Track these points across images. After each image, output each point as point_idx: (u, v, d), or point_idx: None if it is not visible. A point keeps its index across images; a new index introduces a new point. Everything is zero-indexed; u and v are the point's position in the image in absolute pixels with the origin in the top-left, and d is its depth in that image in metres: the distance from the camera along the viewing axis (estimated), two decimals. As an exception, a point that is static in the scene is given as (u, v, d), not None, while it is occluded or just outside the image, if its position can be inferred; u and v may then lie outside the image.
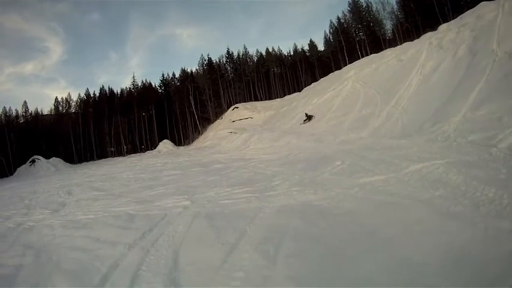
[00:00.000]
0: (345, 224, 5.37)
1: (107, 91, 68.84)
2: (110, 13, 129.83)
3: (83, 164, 50.38)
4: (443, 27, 25.53)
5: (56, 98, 68.68)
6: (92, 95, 68.33)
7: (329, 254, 4.52)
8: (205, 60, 67.81)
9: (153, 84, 71.39)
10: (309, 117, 27.23)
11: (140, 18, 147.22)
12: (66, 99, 67.72)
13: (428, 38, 25.54)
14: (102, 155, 58.93)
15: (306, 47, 67.69)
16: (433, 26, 29.38)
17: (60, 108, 66.81)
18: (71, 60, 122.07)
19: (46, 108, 73.06)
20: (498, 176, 6.61)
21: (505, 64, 14.54)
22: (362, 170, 8.97)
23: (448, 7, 39.11)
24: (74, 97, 73.38)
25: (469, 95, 14.04)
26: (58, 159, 45.86)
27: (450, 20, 27.62)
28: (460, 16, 24.60)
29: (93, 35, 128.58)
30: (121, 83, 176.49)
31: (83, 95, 68.53)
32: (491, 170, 7.10)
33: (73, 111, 66.56)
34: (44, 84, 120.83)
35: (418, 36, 29.90)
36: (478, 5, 23.07)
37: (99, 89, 69.33)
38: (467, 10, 25.02)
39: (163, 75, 70.58)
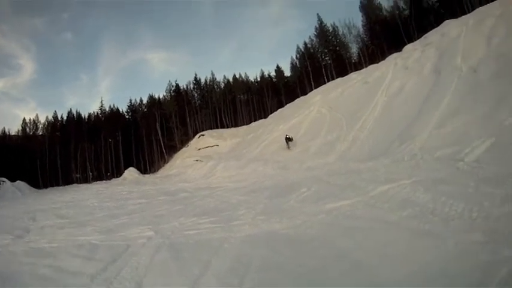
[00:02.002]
0: (311, 251, 5.26)
1: (75, 115, 67.27)
2: (83, 33, 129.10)
3: (48, 189, 49.14)
4: (408, 47, 26.34)
5: (24, 119, 65.97)
6: (59, 118, 66.37)
7: (296, 282, 4.39)
8: (173, 86, 67.96)
9: (121, 110, 70.32)
10: (289, 139, 26.19)
11: (113, 41, 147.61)
12: (34, 120, 65.73)
13: (393, 59, 26.29)
14: (68, 181, 56.80)
15: (273, 73, 68.46)
16: (398, 47, 30.30)
17: (28, 129, 64.66)
18: (41, 80, 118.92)
19: (14, 128, 70.58)
20: (467, 190, 6.67)
21: (470, 79, 14.98)
22: (328, 196, 8.92)
23: (412, 27, 40.49)
24: (42, 119, 70.51)
25: (435, 112, 14.32)
26: (23, 182, 44.16)
27: (415, 40, 28.58)
28: (425, 35, 25.52)
29: (65, 55, 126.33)
30: (89, 107, 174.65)
31: (50, 117, 66.56)
32: (459, 184, 7.17)
33: (40, 133, 64.60)
34: (14, 104, 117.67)
35: (384, 57, 30.76)
36: (442, 24, 24.08)
37: (67, 112, 68.15)
38: (431, 29, 25.99)
39: (131, 100, 70.12)
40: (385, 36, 44.04)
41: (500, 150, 9.18)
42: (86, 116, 68.39)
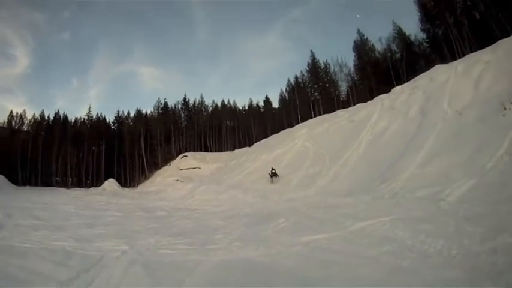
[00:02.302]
0: (285, 281, 5.15)
1: (62, 117, 67.02)
2: (81, 35, 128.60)
3: (27, 187, 48.39)
4: (396, 89, 26.93)
5: (11, 112, 64.92)
6: (46, 118, 66.09)
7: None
8: (161, 104, 68.73)
9: (107, 120, 70.55)
10: (274, 174, 24.99)
11: (108, 48, 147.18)
12: (21, 115, 65.23)
13: (381, 99, 26.83)
14: (47, 182, 55.51)
15: (261, 103, 69.66)
16: (387, 88, 30.80)
17: (13, 123, 64.05)
18: (33, 76, 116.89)
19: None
20: (447, 229, 6.69)
21: (455, 122, 15.34)
22: (306, 228, 8.82)
23: (403, 69, 41.54)
24: (29, 115, 69.36)
25: (419, 153, 14.53)
26: (2, 176, 43.27)
27: (404, 83, 29.35)
28: (414, 79, 26.04)
29: (60, 55, 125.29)
30: (76, 111, 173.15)
31: (37, 115, 66.45)
32: (439, 223, 7.20)
33: (25, 129, 64.22)
34: (2, 94, 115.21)
35: (372, 97, 31.35)
36: (432, 68, 24.67)
37: (54, 113, 67.87)
38: (421, 73, 26.60)
39: (118, 112, 70.35)
40: (375, 77, 44.92)
41: (481, 191, 9.30)
42: (72, 120, 68.12)
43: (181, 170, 48.32)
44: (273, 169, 25.14)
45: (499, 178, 9.86)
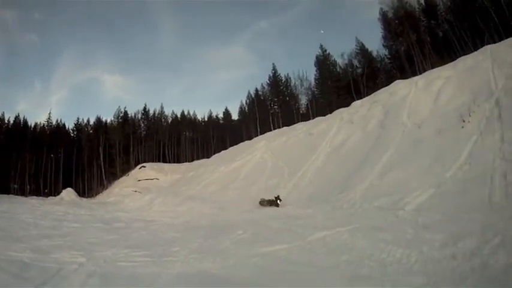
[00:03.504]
0: None
1: (22, 121, 62.83)
2: (48, 38, 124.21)
3: None
4: (356, 103, 27.39)
5: None
6: (6, 121, 62.46)
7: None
8: (121, 112, 67.42)
9: (67, 127, 68.32)
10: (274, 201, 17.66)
11: (73, 54, 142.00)
12: None
13: (340, 113, 27.29)
14: (4, 190, 52.92)
15: (221, 115, 70.68)
16: (347, 103, 31.42)
17: None
18: None
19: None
20: (405, 237, 6.78)
21: (414, 134, 15.73)
22: (264, 239, 8.81)
23: (363, 84, 42.62)
24: None
25: (377, 164, 14.76)
26: None
27: (365, 97, 29.84)
28: (374, 93, 26.65)
29: (26, 56, 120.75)
30: (37, 116, 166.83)
31: None
32: (397, 231, 7.28)
33: None
34: None
35: (332, 111, 31.78)
36: (393, 83, 25.38)
37: (14, 116, 64.32)
38: (381, 88, 27.30)
39: (78, 119, 68.44)
40: (335, 92, 46.00)
41: (440, 200, 9.51)
42: (32, 125, 65.44)
43: (139, 180, 47.97)
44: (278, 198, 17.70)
45: (458, 187, 10.08)
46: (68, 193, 44.74)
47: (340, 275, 5.28)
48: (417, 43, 38.38)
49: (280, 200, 17.23)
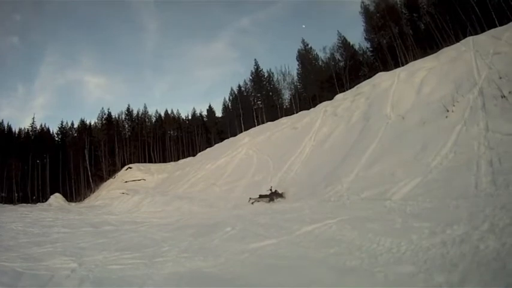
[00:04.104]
0: None
1: (6, 128, 63.52)
2: (30, 41, 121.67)
3: None
4: (339, 96, 27.65)
5: None
6: None
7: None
8: (105, 114, 66.46)
9: (51, 131, 67.18)
10: (274, 195, 16.88)
11: (56, 55, 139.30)
12: None
13: (323, 106, 27.47)
14: None
15: (205, 112, 69.82)
16: (331, 96, 31.59)
17: None
18: None
19: None
20: (394, 226, 6.79)
21: (397, 125, 15.89)
22: (253, 235, 8.85)
23: (346, 78, 42.70)
24: None
25: (362, 156, 14.85)
26: None
27: (348, 90, 29.97)
28: (357, 86, 26.73)
29: (7, 60, 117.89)
30: (21, 122, 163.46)
31: None
32: (386, 221, 7.30)
33: None
34: None
35: (315, 105, 32.08)
36: (375, 75, 25.48)
37: None
38: (364, 80, 27.41)
39: (62, 123, 67.25)
40: (318, 85, 46.13)
41: (426, 189, 9.56)
42: (17, 131, 64.53)
43: (126, 182, 47.76)
44: (276, 190, 17.25)
45: (444, 175, 10.19)
46: (56, 198, 44.50)
47: (330, 268, 5.27)
48: (399, 36, 38.66)
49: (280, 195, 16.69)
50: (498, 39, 17.97)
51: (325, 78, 46.58)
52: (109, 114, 66.48)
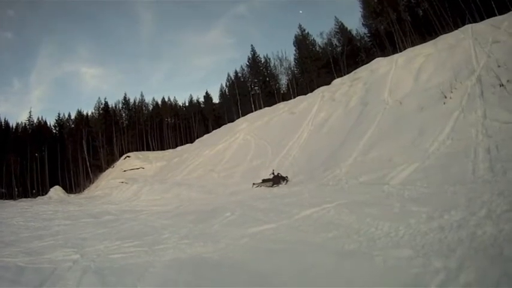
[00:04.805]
0: (235, 275, 5.18)
1: (3, 123, 62.42)
2: (24, 35, 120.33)
3: None
4: (337, 81, 27.53)
5: None
6: None
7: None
8: (102, 104, 65.98)
9: (49, 124, 66.66)
10: (278, 178, 16.50)
11: (51, 48, 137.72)
12: None
13: (321, 91, 27.40)
14: None
15: (202, 99, 69.44)
16: (328, 81, 31.47)
17: None
18: None
19: None
20: (392, 211, 6.82)
21: (395, 111, 15.91)
22: (252, 220, 8.88)
23: (344, 63, 42.52)
24: None
25: (360, 141, 14.90)
26: None
27: (345, 75, 29.76)
28: (355, 71, 26.63)
29: (3, 55, 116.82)
30: (18, 116, 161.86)
31: None
32: (384, 206, 7.33)
33: None
34: None
35: (313, 90, 31.92)
36: (373, 61, 25.35)
37: None
38: (362, 66, 27.31)
39: (59, 114, 66.94)
40: (315, 70, 45.84)
41: (425, 174, 9.63)
42: (14, 126, 64.26)
43: (125, 171, 47.50)
44: (278, 173, 16.91)
45: (442, 161, 10.24)
46: (56, 191, 44.51)
47: (329, 251, 5.30)
48: (397, 22, 38.31)
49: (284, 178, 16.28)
50: (497, 28, 17.89)
51: (322, 64, 46.36)
52: (106, 103, 66.26)
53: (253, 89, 55.18)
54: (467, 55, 16.72)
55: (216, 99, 66.91)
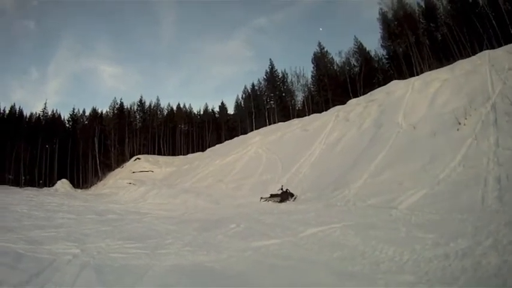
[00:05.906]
0: (236, 287, 5.07)
1: (17, 111, 63.02)
2: (46, 26, 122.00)
3: None
4: (352, 101, 27.52)
5: None
6: (1, 111, 61.47)
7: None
8: (117, 104, 66.55)
9: (62, 117, 67.34)
10: (286, 195, 16.62)
11: (71, 41, 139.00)
12: None
13: (336, 111, 27.39)
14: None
15: (217, 109, 69.44)
16: (343, 100, 31.42)
17: None
18: None
19: None
20: (398, 235, 6.78)
21: (409, 134, 15.86)
22: (257, 234, 8.83)
23: (360, 83, 42.26)
24: None
25: (371, 163, 14.85)
26: None
27: (361, 96, 29.86)
28: (371, 92, 26.60)
29: (23, 44, 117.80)
30: (33, 105, 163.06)
31: None
32: (390, 229, 7.30)
33: None
34: None
35: (328, 109, 31.92)
36: (390, 83, 25.39)
37: (10, 106, 63.24)
38: (378, 87, 27.31)
39: (73, 110, 67.41)
40: (332, 89, 45.84)
41: (433, 200, 9.59)
42: (28, 116, 64.95)
43: (134, 172, 47.48)
44: (286, 189, 17.12)
45: (451, 188, 10.19)
46: (63, 184, 44.51)
47: (332, 271, 5.26)
48: (415, 45, 38.23)
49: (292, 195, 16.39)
50: (514, 55, 17.76)
51: (339, 83, 46.39)
52: (121, 104, 66.67)
53: (269, 103, 55.25)
54: (484, 81, 16.64)
55: (231, 110, 67.00)
